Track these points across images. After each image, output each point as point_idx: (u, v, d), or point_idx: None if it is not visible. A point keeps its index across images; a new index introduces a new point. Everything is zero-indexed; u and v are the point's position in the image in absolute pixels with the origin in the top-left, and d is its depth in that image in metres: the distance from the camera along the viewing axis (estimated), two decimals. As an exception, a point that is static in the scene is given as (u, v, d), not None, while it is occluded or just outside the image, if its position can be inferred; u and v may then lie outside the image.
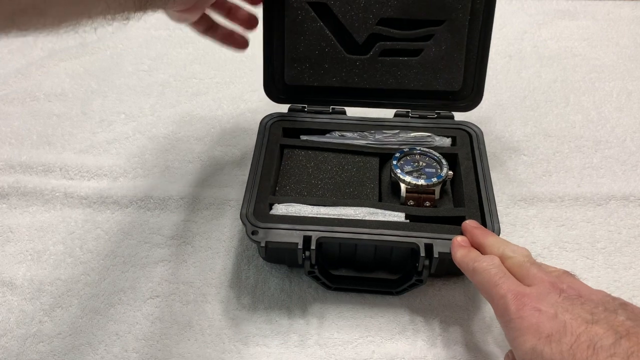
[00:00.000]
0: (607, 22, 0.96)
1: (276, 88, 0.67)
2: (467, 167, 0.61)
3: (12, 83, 0.87)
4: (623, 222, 0.65)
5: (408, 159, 0.62)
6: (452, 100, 0.66)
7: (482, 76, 0.65)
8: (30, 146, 0.76)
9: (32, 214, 0.67)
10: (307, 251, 0.52)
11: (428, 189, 0.59)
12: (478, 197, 0.58)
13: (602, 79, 0.85)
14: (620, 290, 0.58)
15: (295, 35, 0.63)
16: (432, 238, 0.53)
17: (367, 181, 0.61)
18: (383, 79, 0.65)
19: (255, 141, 0.64)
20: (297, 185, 0.61)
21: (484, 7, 0.62)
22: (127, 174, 0.72)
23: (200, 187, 0.70)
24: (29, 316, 0.57)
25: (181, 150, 0.75)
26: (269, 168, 0.60)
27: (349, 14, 0.62)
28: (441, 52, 0.63)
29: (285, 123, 0.66)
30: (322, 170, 0.62)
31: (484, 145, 0.63)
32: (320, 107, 0.67)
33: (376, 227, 0.54)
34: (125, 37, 0.95)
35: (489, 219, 0.55)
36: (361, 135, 0.65)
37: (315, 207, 0.57)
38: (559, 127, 0.77)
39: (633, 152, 0.73)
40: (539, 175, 0.70)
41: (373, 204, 0.58)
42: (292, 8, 0.62)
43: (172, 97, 0.84)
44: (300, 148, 0.65)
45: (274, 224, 0.54)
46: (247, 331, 0.56)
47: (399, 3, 0.62)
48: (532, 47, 0.92)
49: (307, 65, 0.64)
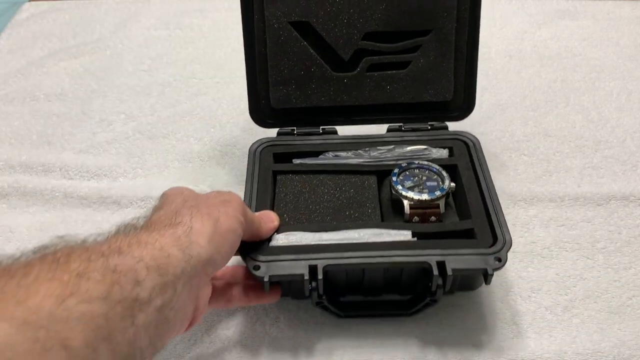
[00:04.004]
0: (607, 22, 0.96)
1: (263, 113, 0.64)
2: (469, 178, 0.59)
3: (12, 83, 0.87)
4: (623, 222, 0.65)
5: (407, 174, 0.59)
6: (444, 110, 0.65)
7: (472, 84, 0.63)
8: (30, 146, 0.76)
9: (32, 214, 0.67)
10: (313, 281, 0.50)
11: (432, 203, 0.56)
12: (484, 207, 0.55)
13: (602, 79, 0.85)
14: (621, 290, 0.58)
15: (278, 56, 0.61)
16: (443, 255, 0.50)
17: (367, 201, 0.58)
18: (372, 94, 0.63)
19: (246, 170, 0.60)
20: (295, 212, 0.58)
21: (469, 12, 0.61)
22: (127, 174, 0.72)
23: (200, 187, 0.70)
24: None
25: (181, 150, 0.75)
26: (263, 197, 0.58)
27: (332, 31, 0.61)
28: (430, 63, 0.62)
29: (276, 148, 0.63)
30: (319, 194, 0.59)
31: (482, 154, 0.61)
32: (310, 128, 0.65)
33: (383, 248, 0.51)
34: (125, 37, 0.95)
35: (499, 231, 0.52)
36: (356, 154, 0.63)
37: (317, 234, 0.53)
38: (559, 127, 0.77)
39: (633, 152, 0.73)
40: (539, 175, 0.70)
41: (377, 224, 0.55)
42: (273, 29, 0.61)
43: (172, 97, 0.84)
44: (293, 173, 0.61)
45: (276, 255, 0.51)
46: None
47: (383, 16, 0.60)
48: (532, 47, 0.92)
49: (294, 87, 0.62)
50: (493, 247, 0.51)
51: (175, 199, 0.46)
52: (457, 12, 0.61)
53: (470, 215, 0.55)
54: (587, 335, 0.54)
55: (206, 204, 0.46)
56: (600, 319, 0.56)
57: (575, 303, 0.57)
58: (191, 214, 0.44)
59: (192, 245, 0.41)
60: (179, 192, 0.48)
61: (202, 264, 0.42)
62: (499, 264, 0.50)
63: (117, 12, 1.02)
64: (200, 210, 0.44)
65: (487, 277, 0.49)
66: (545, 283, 0.59)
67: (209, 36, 0.95)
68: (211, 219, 0.44)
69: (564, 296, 0.58)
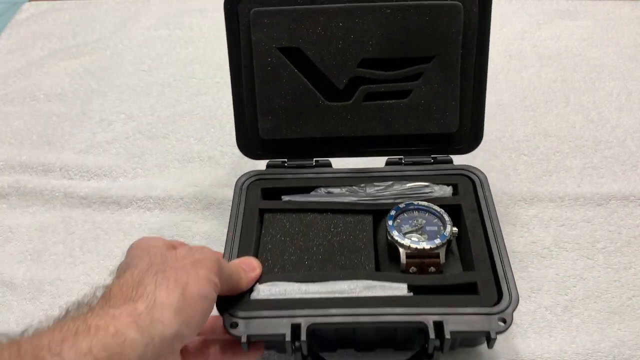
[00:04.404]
0: (607, 22, 0.96)
1: (251, 143, 0.60)
2: (474, 221, 0.54)
3: (12, 83, 0.87)
4: (623, 222, 0.65)
5: (405, 216, 0.54)
6: (448, 142, 0.59)
7: (480, 114, 0.58)
8: (30, 146, 0.76)
9: (32, 214, 0.67)
10: (297, 341, 0.45)
11: (432, 253, 0.51)
12: (489, 257, 0.51)
13: (602, 79, 0.85)
14: (621, 290, 0.58)
15: (267, 85, 0.57)
16: (441, 314, 0.45)
17: (360, 245, 0.53)
18: (370, 125, 0.58)
19: (231, 206, 0.56)
20: (281, 257, 0.53)
21: (477, 37, 0.56)
22: (127, 174, 0.72)
23: (200, 187, 0.70)
24: (29, 316, 0.57)
25: (181, 150, 0.75)
26: (247, 238, 0.53)
27: (325, 58, 0.56)
28: (433, 92, 0.57)
29: (264, 182, 0.59)
30: (309, 237, 0.54)
31: (489, 192, 0.56)
32: (302, 160, 0.60)
33: (376, 305, 0.47)
34: (125, 37, 0.95)
35: (504, 286, 0.48)
36: (350, 191, 0.58)
37: (303, 285, 0.49)
38: (559, 127, 0.77)
39: (633, 152, 0.73)
40: (539, 175, 0.70)
41: (369, 274, 0.50)
42: (261, 55, 0.56)
43: (172, 97, 0.84)
44: (282, 211, 0.56)
45: (256, 311, 0.46)
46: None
47: (381, 41, 0.55)
48: (532, 47, 0.92)
49: (284, 117, 0.58)
50: (497, 306, 0.46)
51: (141, 260, 0.42)
52: (464, 37, 0.56)
53: (474, 265, 0.51)
54: (587, 335, 0.54)
55: (174, 266, 0.41)
56: (600, 319, 0.56)
57: (575, 303, 0.57)
58: (156, 281, 0.39)
59: (155, 324, 0.36)
60: (145, 250, 0.43)
61: (167, 343, 0.37)
62: (503, 326, 0.45)
63: (117, 12, 1.02)
64: (167, 275, 0.40)
65: (490, 340, 0.45)
66: (545, 283, 0.59)
67: (209, 36, 0.95)
68: (179, 285, 0.39)
69: (564, 296, 0.58)
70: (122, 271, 0.41)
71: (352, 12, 0.55)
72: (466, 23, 0.56)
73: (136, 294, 0.38)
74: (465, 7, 0.56)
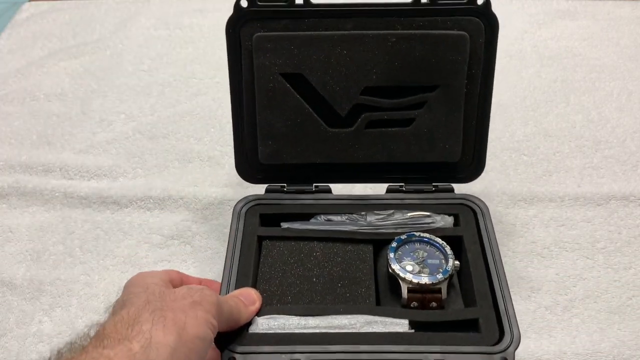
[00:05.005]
0: (607, 22, 0.96)
1: (250, 168, 0.59)
2: (475, 253, 0.53)
3: (12, 83, 0.87)
4: (623, 222, 0.65)
5: (407, 248, 0.53)
6: (450, 171, 0.59)
7: (483, 144, 0.58)
8: (30, 146, 0.76)
9: (32, 214, 0.67)
10: None
11: (434, 288, 0.50)
12: (491, 292, 0.50)
13: (602, 79, 0.85)
14: (621, 290, 0.58)
15: (268, 110, 0.56)
16: (442, 352, 0.45)
17: (361, 276, 0.53)
18: (371, 152, 0.57)
19: (229, 233, 0.55)
20: (280, 287, 0.52)
21: (482, 67, 0.56)
22: (127, 174, 0.72)
23: (200, 187, 0.70)
24: (29, 316, 0.57)
25: (181, 150, 0.75)
26: (245, 267, 0.52)
27: (328, 85, 0.55)
28: (436, 121, 0.56)
29: (263, 208, 0.58)
30: (308, 266, 0.54)
31: (490, 223, 0.56)
32: (302, 186, 0.59)
33: (376, 342, 0.46)
34: (125, 37, 0.95)
35: (506, 323, 0.47)
36: (350, 219, 0.57)
37: (303, 318, 0.48)
38: (559, 127, 0.77)
39: (633, 152, 0.73)
40: (539, 175, 0.70)
41: (370, 308, 0.49)
42: (262, 80, 0.55)
43: (172, 97, 0.84)
44: (281, 239, 0.56)
45: (255, 346, 0.46)
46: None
47: (385, 69, 0.55)
48: (532, 47, 0.92)
49: (284, 142, 0.57)
50: (499, 345, 0.46)
51: (138, 298, 0.41)
52: (469, 67, 0.55)
53: (476, 301, 0.50)
54: (587, 335, 0.54)
55: (172, 306, 0.40)
56: (600, 319, 0.56)
57: (575, 303, 0.57)
58: (152, 320, 0.38)
59: None
60: (143, 287, 0.42)
61: None
62: None
63: (117, 12, 1.02)
64: (165, 314, 0.39)
65: None
66: (545, 283, 0.59)
67: (209, 36, 0.95)
68: (176, 326, 0.38)
69: (564, 296, 0.58)
70: (118, 308, 0.41)
71: (356, 40, 0.55)
72: (472, 53, 0.55)
73: (132, 332, 0.37)
74: (472, 38, 0.55)
